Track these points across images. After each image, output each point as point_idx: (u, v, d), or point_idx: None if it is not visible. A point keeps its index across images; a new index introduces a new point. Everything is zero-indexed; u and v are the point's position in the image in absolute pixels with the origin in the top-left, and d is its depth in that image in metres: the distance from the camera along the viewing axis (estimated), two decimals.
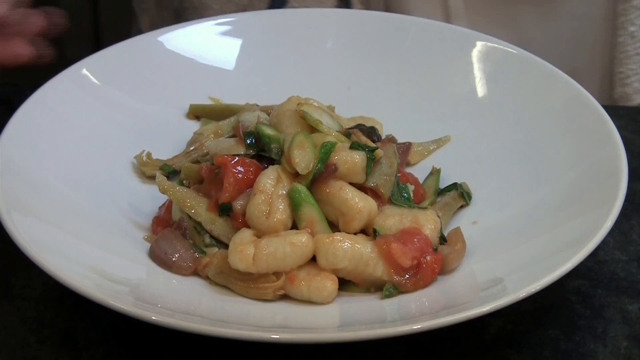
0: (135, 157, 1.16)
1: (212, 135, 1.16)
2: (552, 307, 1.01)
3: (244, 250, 0.97)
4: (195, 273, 1.01)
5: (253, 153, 1.05)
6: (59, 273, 0.91)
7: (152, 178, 1.13)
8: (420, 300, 0.96)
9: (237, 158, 1.03)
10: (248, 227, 1.00)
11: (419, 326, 0.87)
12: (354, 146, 1.03)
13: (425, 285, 0.98)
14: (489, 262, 1.00)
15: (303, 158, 1.01)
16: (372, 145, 1.04)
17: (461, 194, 1.10)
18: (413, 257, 0.98)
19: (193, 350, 0.95)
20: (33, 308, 1.00)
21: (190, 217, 1.04)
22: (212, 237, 1.03)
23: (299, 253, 0.97)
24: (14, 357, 0.95)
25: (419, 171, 1.15)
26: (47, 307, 1.00)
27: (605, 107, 1.11)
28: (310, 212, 1.00)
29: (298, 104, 1.07)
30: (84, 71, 1.20)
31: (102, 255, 0.99)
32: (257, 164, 1.03)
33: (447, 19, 1.52)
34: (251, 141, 1.05)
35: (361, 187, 1.02)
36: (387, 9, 1.53)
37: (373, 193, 1.03)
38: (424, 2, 1.52)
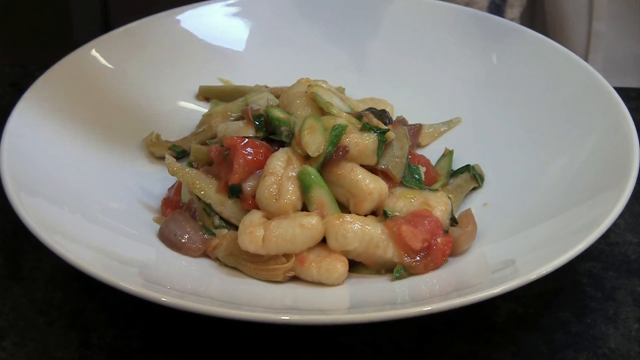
0: (144, 139, 1.16)
1: (221, 117, 1.16)
2: (563, 289, 1.01)
3: (254, 232, 0.97)
4: (205, 255, 1.01)
5: (263, 136, 1.05)
6: (68, 254, 0.90)
7: (160, 159, 1.13)
8: (431, 282, 0.96)
9: (246, 140, 1.02)
10: (258, 208, 1.00)
11: (429, 308, 0.86)
12: (365, 128, 1.02)
13: (436, 267, 0.98)
14: (500, 244, 1.00)
15: (314, 141, 1.00)
16: (383, 127, 1.04)
17: (473, 176, 1.10)
18: (423, 239, 0.97)
19: (202, 332, 0.94)
20: (42, 289, 1.00)
21: (199, 199, 1.03)
22: (221, 218, 1.02)
23: (309, 235, 0.97)
24: (22, 338, 0.95)
25: (430, 153, 1.14)
26: (55, 288, 1.00)
27: (618, 90, 1.11)
28: (320, 194, 0.99)
29: (308, 86, 1.06)
30: (93, 52, 1.20)
31: (111, 237, 0.99)
32: (267, 146, 1.03)
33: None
34: (261, 124, 1.05)
35: (372, 169, 1.02)
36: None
37: (384, 175, 1.02)
38: None
